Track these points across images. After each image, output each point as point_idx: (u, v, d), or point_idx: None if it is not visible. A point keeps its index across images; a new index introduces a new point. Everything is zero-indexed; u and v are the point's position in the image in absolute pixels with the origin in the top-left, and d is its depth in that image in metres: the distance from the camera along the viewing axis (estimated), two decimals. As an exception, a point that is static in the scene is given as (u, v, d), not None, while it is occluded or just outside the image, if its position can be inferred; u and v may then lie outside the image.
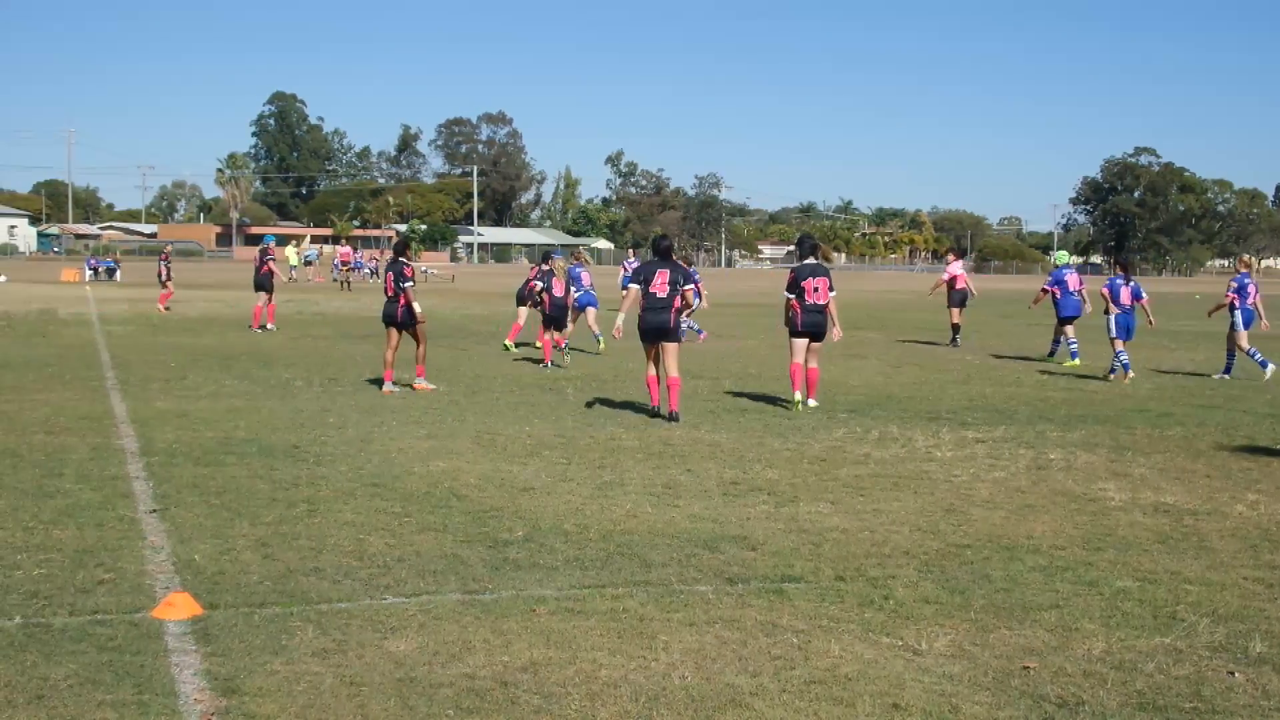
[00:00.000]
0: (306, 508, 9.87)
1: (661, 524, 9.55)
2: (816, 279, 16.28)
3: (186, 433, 13.45)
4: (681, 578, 8.06)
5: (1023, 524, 9.78)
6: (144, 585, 7.65)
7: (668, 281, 15.46)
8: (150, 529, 9.09)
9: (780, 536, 9.21)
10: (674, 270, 15.63)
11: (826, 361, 23.59)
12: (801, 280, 16.26)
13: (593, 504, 10.25)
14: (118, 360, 21.50)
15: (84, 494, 10.22)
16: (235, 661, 6.31)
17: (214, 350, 24.00)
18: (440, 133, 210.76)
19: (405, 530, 9.20)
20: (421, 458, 12.24)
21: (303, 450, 12.52)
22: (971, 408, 16.89)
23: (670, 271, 15.54)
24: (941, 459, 12.70)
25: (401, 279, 17.82)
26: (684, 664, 6.41)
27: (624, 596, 7.59)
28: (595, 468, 11.92)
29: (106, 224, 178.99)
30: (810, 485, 11.22)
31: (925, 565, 8.49)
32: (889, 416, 15.80)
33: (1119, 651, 6.72)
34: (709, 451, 12.96)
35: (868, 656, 6.57)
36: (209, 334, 28.59)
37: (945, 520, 9.86)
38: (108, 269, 68.98)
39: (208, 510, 9.71)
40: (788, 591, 7.76)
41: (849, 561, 8.53)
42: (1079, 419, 15.89)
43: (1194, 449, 13.66)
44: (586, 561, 8.42)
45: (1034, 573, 8.33)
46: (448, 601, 7.42)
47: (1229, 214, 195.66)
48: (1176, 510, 10.41)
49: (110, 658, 6.32)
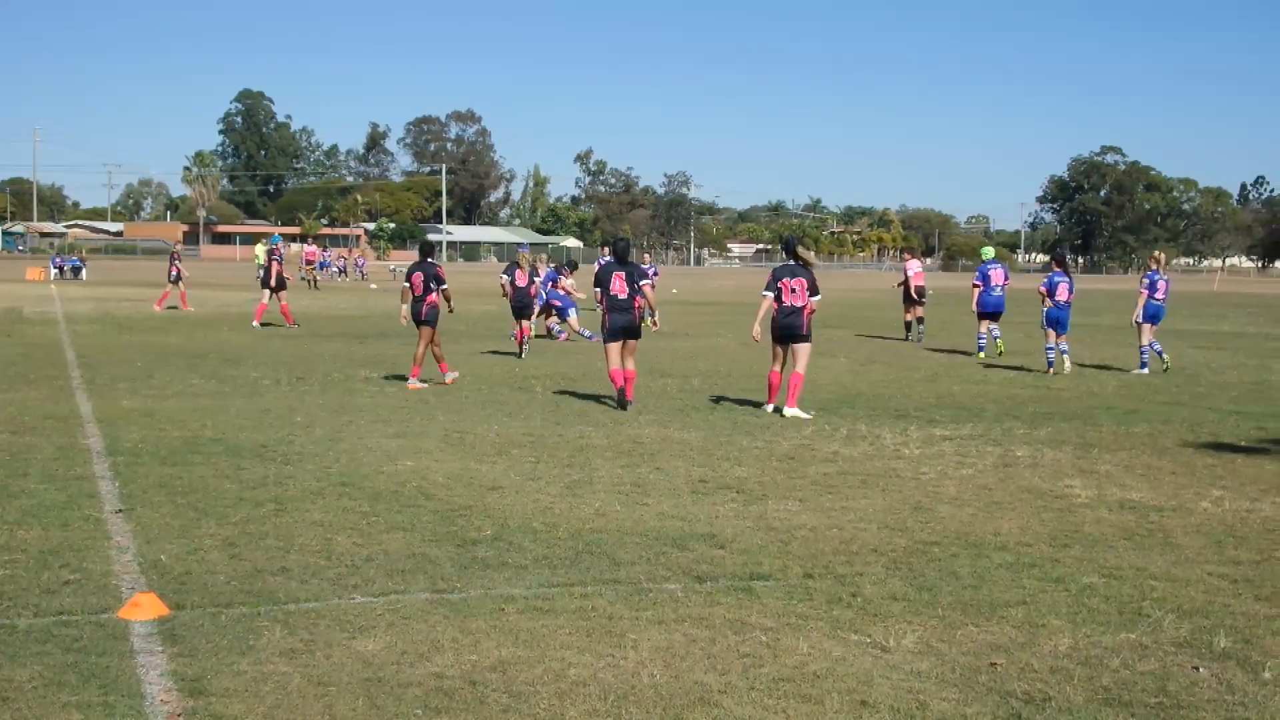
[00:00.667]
0: (274, 507, 9.82)
1: (630, 522, 9.55)
2: (794, 279, 15.85)
3: (153, 432, 13.38)
4: (650, 576, 8.06)
5: (990, 521, 9.82)
6: (110, 586, 7.60)
7: (626, 282, 16.28)
8: (116, 529, 9.04)
9: (749, 534, 9.23)
10: (630, 270, 16.43)
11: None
12: (779, 280, 15.90)
13: (561, 502, 10.24)
14: (83, 359, 21.37)
15: (49, 494, 10.14)
16: (202, 662, 6.28)
17: (181, 349, 23.88)
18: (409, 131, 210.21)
19: (373, 529, 9.17)
20: (390, 456, 12.21)
21: (270, 449, 12.47)
22: (939, 406, 16.95)
23: (627, 273, 16.35)
24: (909, 457, 12.74)
25: (437, 280, 18.58)
26: (653, 662, 6.41)
27: (593, 595, 7.59)
28: (564, 466, 11.91)
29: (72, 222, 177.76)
30: (779, 483, 11.24)
31: (893, 563, 8.51)
32: (857, 414, 15.85)
33: (1085, 647, 6.75)
34: (678, 450, 12.96)
35: (836, 654, 6.59)
36: (176, 333, 28.44)
37: (913, 518, 9.90)
38: (73, 267, 68.50)
39: (174, 510, 9.66)
40: (756, 589, 7.77)
41: (817, 559, 8.55)
42: (1045, 416, 15.97)
43: (1159, 446, 13.75)
44: (555, 560, 8.41)
45: (1001, 570, 8.36)
46: (416, 601, 7.40)
47: (1194, 213, 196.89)
48: (1142, 507, 10.47)
49: (76, 659, 6.28)
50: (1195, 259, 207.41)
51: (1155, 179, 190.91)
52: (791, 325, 15.77)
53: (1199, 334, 35.07)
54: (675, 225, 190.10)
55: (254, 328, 30.12)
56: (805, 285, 15.84)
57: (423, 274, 18.62)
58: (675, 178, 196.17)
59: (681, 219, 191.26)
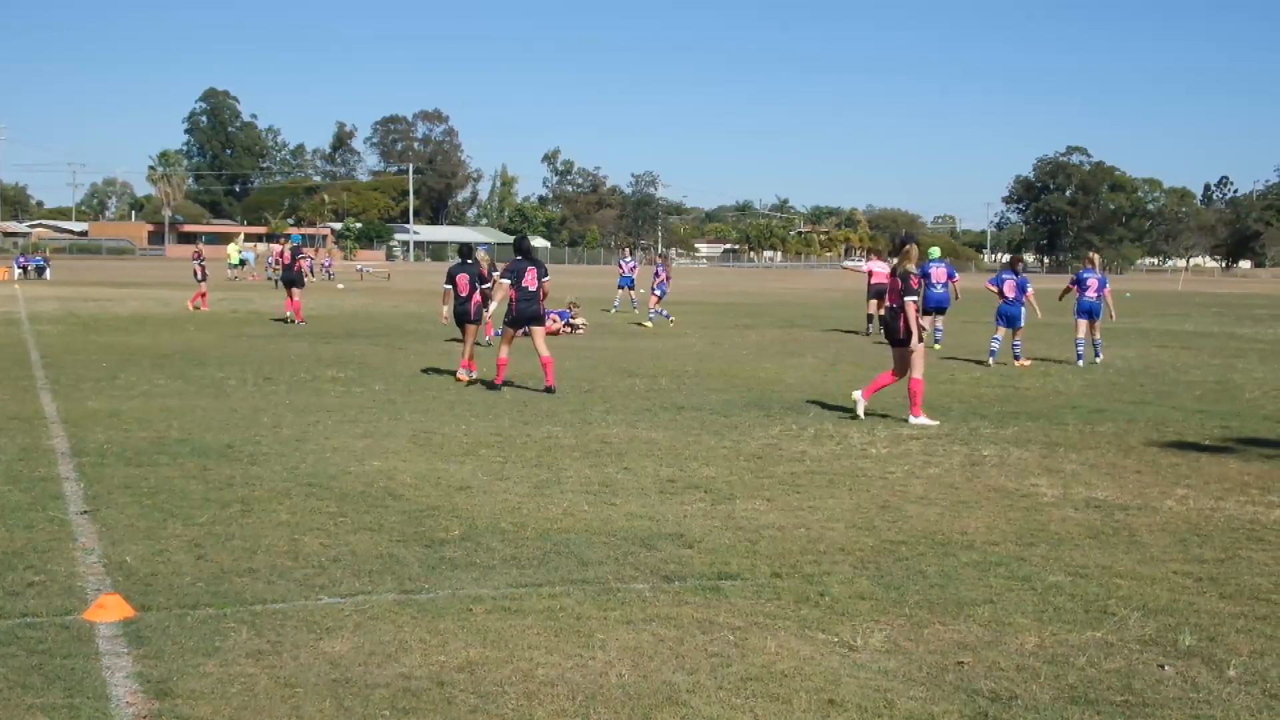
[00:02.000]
0: (240, 508, 9.78)
1: (598, 522, 9.55)
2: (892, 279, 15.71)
3: (118, 433, 13.30)
4: (618, 576, 8.06)
5: (957, 520, 9.86)
6: (75, 587, 7.55)
7: (536, 277, 17.98)
8: (81, 530, 8.98)
9: (717, 534, 9.24)
10: (538, 266, 18.17)
11: (763, 358, 23.71)
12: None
13: (529, 502, 10.23)
14: (48, 360, 21.22)
15: (13, 495, 10.07)
16: (168, 664, 6.24)
17: (146, 349, 23.73)
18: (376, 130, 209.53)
19: (340, 530, 9.14)
20: (357, 457, 12.17)
21: (237, 450, 12.41)
22: (905, 405, 16.98)
23: (536, 268, 18.06)
24: (877, 456, 12.78)
25: (481, 280, 20.16)
26: (621, 662, 6.41)
27: (561, 595, 7.59)
28: (532, 466, 11.90)
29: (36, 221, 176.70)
30: (746, 483, 11.26)
31: (860, 562, 8.54)
32: (824, 414, 15.89)
33: (1051, 646, 6.79)
34: (646, 449, 12.97)
35: (804, 653, 6.60)
36: (141, 333, 28.27)
37: (880, 517, 9.93)
38: (37, 267, 68.03)
39: (140, 511, 9.60)
40: (724, 589, 7.78)
41: (785, 559, 8.56)
42: (1012, 416, 16.04)
43: (1125, 445, 13.83)
44: (523, 560, 8.40)
45: (968, 568, 8.40)
46: (383, 601, 7.38)
47: (1159, 213, 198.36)
48: (1107, 505, 10.53)
49: (40, 661, 6.24)
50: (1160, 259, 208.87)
51: (1120, 179, 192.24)
52: (887, 327, 15.85)
53: (1163, 333, 35.31)
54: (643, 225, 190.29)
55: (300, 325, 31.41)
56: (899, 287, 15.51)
57: (467, 275, 20.00)
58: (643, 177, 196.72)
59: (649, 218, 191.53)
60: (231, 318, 34.27)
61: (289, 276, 33.48)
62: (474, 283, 20.11)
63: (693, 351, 25.72)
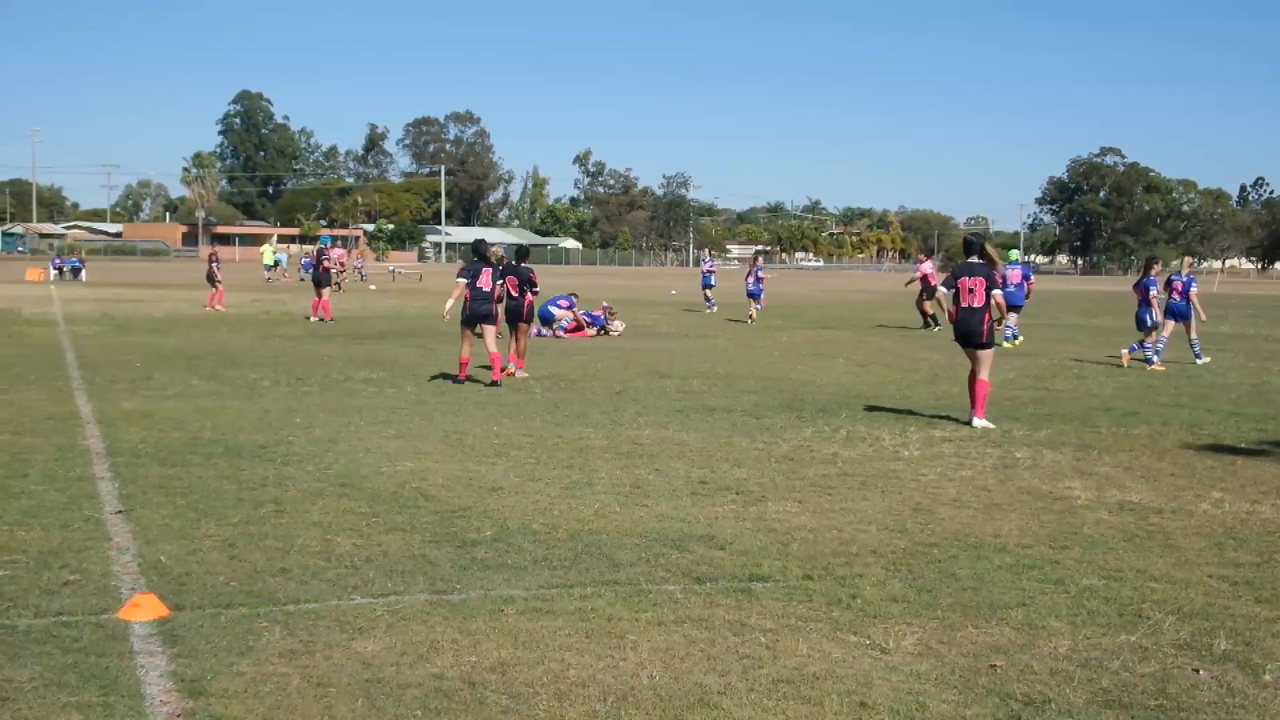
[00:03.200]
0: (273, 508, 9.82)
1: (629, 523, 9.55)
2: (973, 278, 15.31)
3: (152, 433, 13.37)
4: (649, 577, 8.06)
5: (989, 523, 9.82)
6: (109, 586, 7.60)
7: (490, 279, 19.16)
8: (116, 530, 9.03)
9: (748, 536, 9.22)
10: (494, 268, 19.35)
11: (795, 361, 23.67)
12: (958, 279, 15.46)
13: (561, 504, 10.24)
14: (83, 360, 21.36)
15: (49, 495, 10.14)
16: (201, 663, 6.28)
17: (180, 350, 23.86)
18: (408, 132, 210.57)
19: (373, 530, 9.17)
20: (389, 457, 12.21)
21: (270, 450, 12.46)
22: (939, 407, 16.94)
23: (491, 270, 19.25)
24: (909, 458, 12.74)
25: (532, 285, 20.58)
26: (652, 663, 6.41)
27: (592, 596, 7.59)
28: (563, 467, 11.90)
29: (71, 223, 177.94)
30: (778, 484, 11.24)
31: (893, 564, 8.51)
32: (856, 416, 15.84)
33: (1085, 649, 6.75)
34: (677, 451, 12.96)
35: (835, 655, 6.59)
36: (175, 334, 28.43)
37: (912, 519, 9.90)
38: (73, 268, 68.46)
39: (174, 511, 9.66)
40: (755, 591, 7.77)
41: (817, 560, 8.55)
42: (1045, 418, 15.96)
43: (1159, 447, 13.74)
44: (554, 561, 8.41)
45: (1001, 571, 8.36)
46: (415, 602, 7.40)
47: (1193, 214, 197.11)
48: (1142, 508, 10.47)
49: (75, 659, 6.28)
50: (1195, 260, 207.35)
51: (1154, 180, 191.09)
52: (969, 329, 15.30)
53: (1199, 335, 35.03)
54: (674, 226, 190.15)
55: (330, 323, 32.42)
56: (984, 285, 15.20)
57: (517, 277, 20.41)
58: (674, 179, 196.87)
59: (680, 220, 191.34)
60: (264, 319, 34.41)
61: (316, 276, 35.12)
62: (523, 286, 20.50)
63: (724, 353, 25.69)
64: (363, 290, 56.86)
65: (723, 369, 22.03)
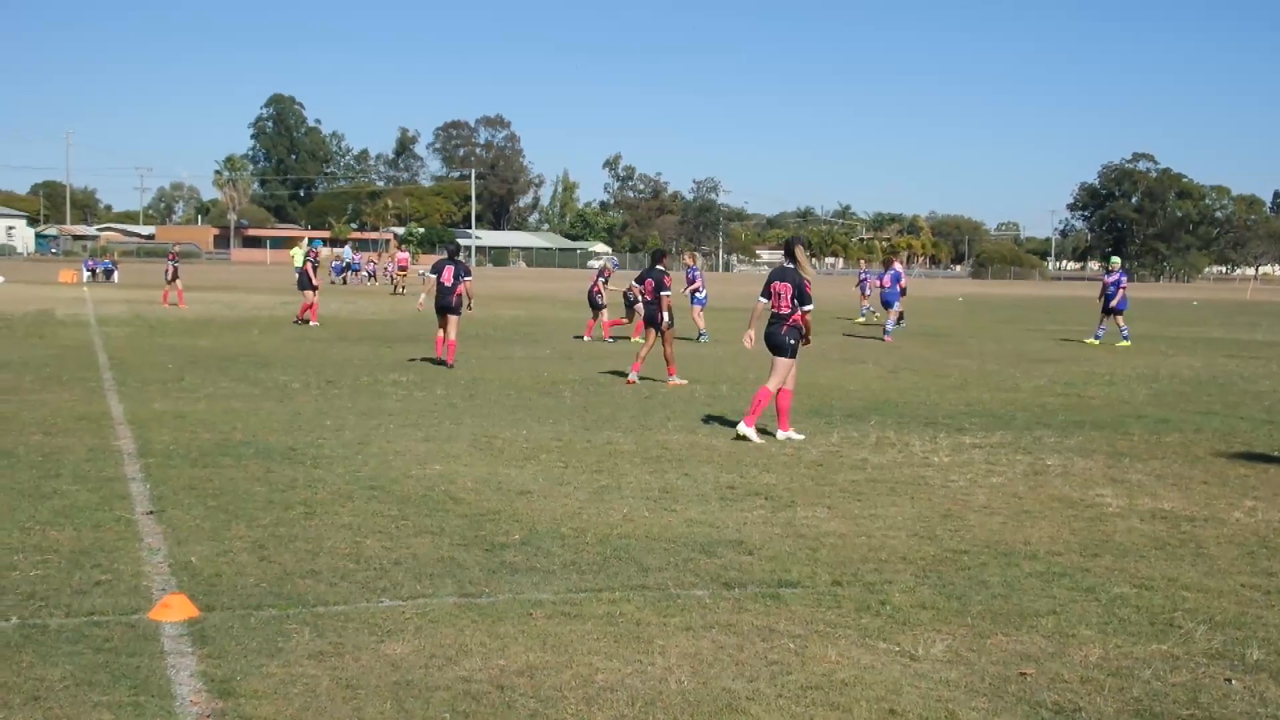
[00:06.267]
0: (303, 510, 9.86)
1: (658, 528, 9.55)
2: (781, 283, 14.45)
3: (184, 434, 13.44)
4: (678, 582, 8.05)
5: (1020, 530, 9.78)
6: (140, 587, 7.64)
7: (453, 275, 22.06)
8: (147, 530, 9.08)
9: (777, 541, 9.21)
10: (457, 265, 22.28)
11: (823, 366, 23.63)
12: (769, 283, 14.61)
13: (590, 508, 10.24)
14: (115, 361, 21.49)
15: (81, 495, 10.20)
16: (231, 663, 6.30)
17: (211, 352, 23.98)
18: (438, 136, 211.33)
19: (402, 533, 9.19)
20: (419, 460, 12.24)
21: (300, 452, 12.51)
22: (969, 413, 16.89)
23: (454, 266, 22.22)
24: (939, 464, 12.70)
25: (662, 287, 20.22)
26: (680, 668, 6.40)
27: (621, 600, 7.59)
28: (592, 471, 11.91)
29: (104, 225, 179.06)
30: (807, 490, 11.22)
31: (922, 571, 8.49)
32: (886, 422, 15.80)
33: (1116, 658, 6.71)
34: (706, 455, 12.95)
35: (864, 662, 6.57)
36: (206, 336, 28.57)
37: (942, 526, 9.86)
38: (105, 270, 68.92)
39: (205, 512, 9.70)
40: (784, 596, 7.75)
41: (846, 567, 8.53)
42: (1076, 425, 15.89)
43: (1191, 455, 13.66)
44: (583, 565, 8.41)
45: (1031, 579, 8.32)
46: (444, 604, 7.41)
47: (1227, 220, 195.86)
48: (1174, 516, 10.41)
49: (106, 659, 6.31)
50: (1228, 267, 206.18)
51: (1187, 186, 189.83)
52: (771, 335, 14.43)
53: (1231, 343, 34.85)
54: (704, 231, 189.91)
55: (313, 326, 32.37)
56: (790, 291, 14.31)
57: (653, 280, 20.31)
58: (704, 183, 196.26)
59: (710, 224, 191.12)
60: (292, 322, 34.49)
61: (302, 280, 34.01)
62: (661, 289, 20.14)
63: (753, 359, 25.62)
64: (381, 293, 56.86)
65: (752, 374, 21.99)
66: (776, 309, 14.38)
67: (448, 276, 22.15)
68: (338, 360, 22.85)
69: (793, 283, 14.30)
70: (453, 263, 22.52)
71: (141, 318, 34.66)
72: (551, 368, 22.39)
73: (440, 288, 22.20)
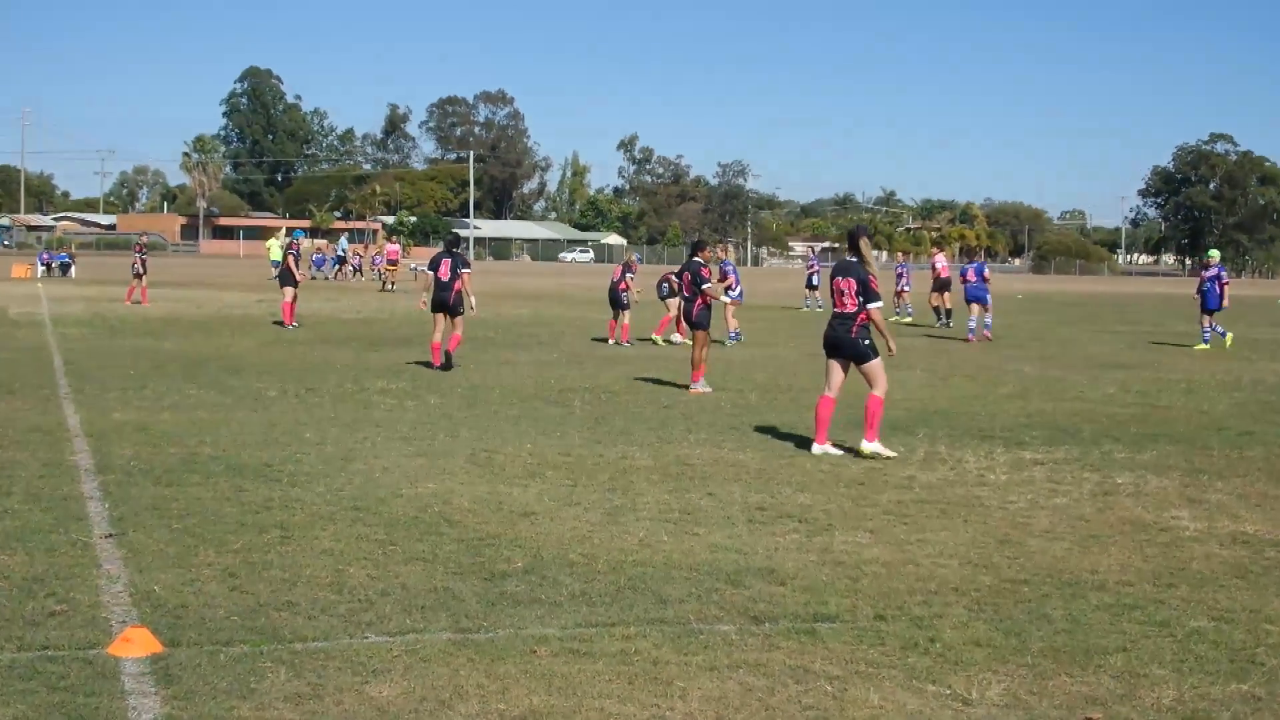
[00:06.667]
0: (279, 534, 9.87)
1: (679, 554, 9.54)
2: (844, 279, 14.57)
3: (147, 448, 13.48)
4: (701, 616, 8.05)
5: (1086, 557, 9.76)
6: (99, 618, 7.65)
7: (449, 268, 22.53)
8: (106, 556, 9.10)
9: (813, 569, 9.20)
10: (454, 259, 22.78)
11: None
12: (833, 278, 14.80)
13: (601, 531, 10.24)
14: (72, 366, 21.57)
15: (33, 515, 10.23)
16: (199, 706, 6.31)
17: (178, 355, 24.06)
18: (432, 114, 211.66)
19: (390, 560, 9.20)
20: (409, 478, 12.25)
21: (276, 469, 12.53)
22: (1029, 425, 16.86)
23: (451, 260, 22.71)
24: (995, 483, 12.68)
25: (702, 280, 20.68)
26: (703, 713, 6.39)
27: (636, 636, 7.58)
28: (605, 490, 11.92)
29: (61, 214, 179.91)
30: (847, 512, 11.21)
31: (976, 603, 8.47)
32: (936, 434, 15.78)
33: (1192, 700, 6.69)
34: (732, 473, 12.95)
35: (911, 707, 6.55)
36: (172, 337, 28.67)
37: (999, 552, 9.85)
38: (62, 264, 69.23)
39: (169, 535, 9.72)
40: (821, 632, 7.74)
41: (890, 598, 8.51)
42: (1150, 438, 15.85)
43: (1277, 472, 13.62)
44: (594, 596, 8.41)
45: (1098, 612, 8.30)
46: (437, 641, 7.41)
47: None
48: (1257, 541, 10.38)
49: (62, 698, 6.32)
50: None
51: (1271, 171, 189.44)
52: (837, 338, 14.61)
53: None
54: (730, 220, 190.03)
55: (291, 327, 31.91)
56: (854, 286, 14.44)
57: (690, 273, 20.87)
58: (730, 167, 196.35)
59: (737, 213, 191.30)
60: (270, 321, 34.60)
61: (282, 275, 33.82)
62: (696, 283, 20.62)
63: (786, 362, 25.66)
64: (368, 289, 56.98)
65: (784, 380, 22.00)
66: (840, 308, 14.61)
67: (445, 271, 22.59)
68: (319, 365, 22.90)
69: (856, 277, 14.50)
70: (450, 255, 22.92)
71: (101, 317, 34.80)
72: (559, 374, 22.43)
73: (437, 283, 22.67)
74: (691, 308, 20.62)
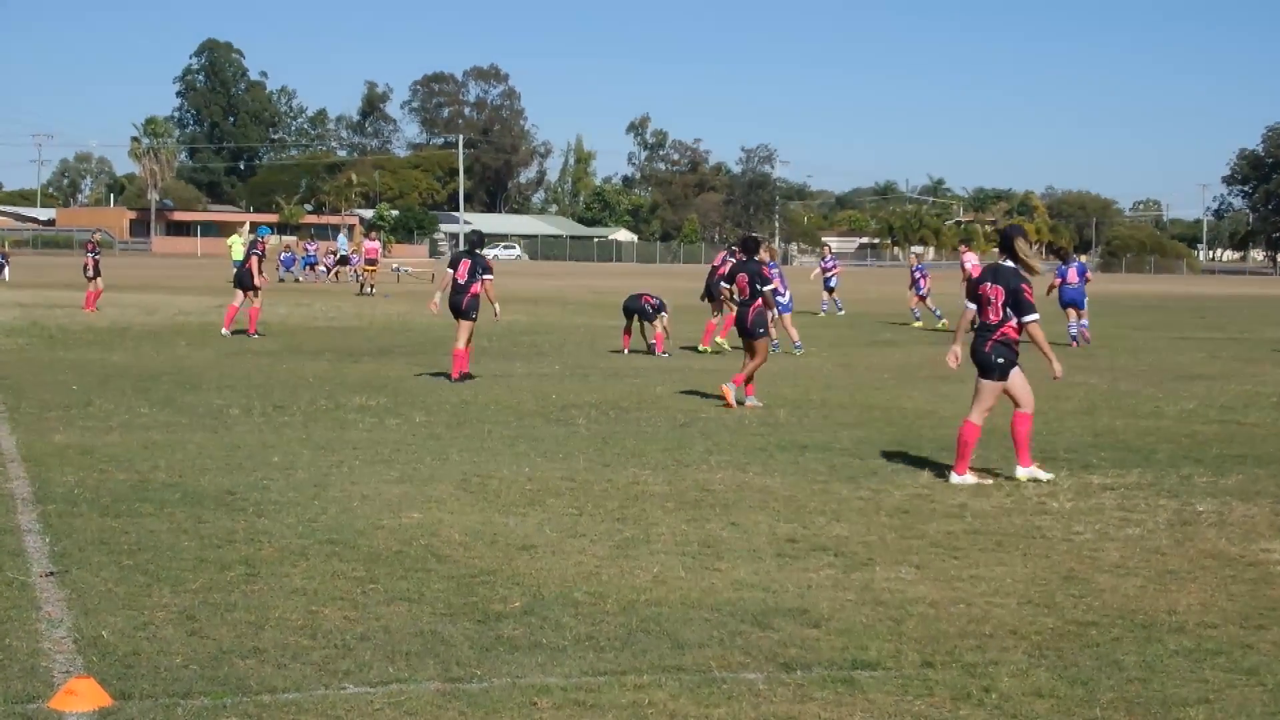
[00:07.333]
0: (244, 571, 9.90)
1: (698, 593, 9.55)
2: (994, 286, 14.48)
3: (92, 474, 13.51)
4: (723, 663, 8.06)
5: (1163, 595, 9.76)
6: (39, 667, 7.67)
7: (469, 270, 23.33)
8: (47, 596, 9.12)
9: (850, 610, 9.21)
10: (474, 260, 23.56)
11: (909, 386, 23.60)
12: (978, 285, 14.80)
13: (610, 567, 10.26)
14: (5, 382, 21.60)
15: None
16: (153, 767, 6.32)
17: (127, 369, 24.10)
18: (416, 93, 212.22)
19: (370, 600, 9.22)
20: (392, 507, 12.27)
21: (240, 498, 12.56)
22: (1097, 445, 16.85)
23: (471, 261, 23.57)
24: (1059, 511, 12.67)
25: (762, 280, 20.86)
26: (727, 773, 6.40)
27: (649, 686, 7.59)
28: (614, 520, 11.93)
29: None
30: (889, 544, 11.22)
31: (1037, 648, 8.47)
32: (990, 456, 15.77)
33: (1286, 760, 6.69)
34: (759, 500, 12.96)
35: (963, 765, 6.56)
36: (121, 348, 28.71)
37: (1063, 590, 9.85)
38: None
39: (119, 573, 9.74)
40: (860, 681, 7.75)
41: (939, 643, 8.52)
42: (1235, 460, 15.83)
43: (1383, 499, 13.60)
44: (602, 641, 8.42)
45: (1177, 658, 8.30)
46: (424, 692, 7.43)
47: None
48: (1361, 578, 10.37)
49: (-5, 761, 6.35)
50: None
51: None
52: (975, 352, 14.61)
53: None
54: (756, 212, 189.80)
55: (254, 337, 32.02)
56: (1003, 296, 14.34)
57: (747, 274, 20.95)
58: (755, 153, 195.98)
59: (764, 205, 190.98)
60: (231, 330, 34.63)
61: (240, 276, 33.85)
62: (757, 284, 20.73)
63: (819, 374, 25.63)
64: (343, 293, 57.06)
65: (817, 395, 22.00)
66: (984, 318, 14.47)
67: (463, 272, 23.43)
68: (288, 379, 22.93)
69: (1007, 286, 14.34)
70: (471, 256, 23.88)
71: (39, 325, 34.85)
72: (561, 388, 22.44)
73: (454, 285, 23.46)
74: (747, 312, 20.67)
